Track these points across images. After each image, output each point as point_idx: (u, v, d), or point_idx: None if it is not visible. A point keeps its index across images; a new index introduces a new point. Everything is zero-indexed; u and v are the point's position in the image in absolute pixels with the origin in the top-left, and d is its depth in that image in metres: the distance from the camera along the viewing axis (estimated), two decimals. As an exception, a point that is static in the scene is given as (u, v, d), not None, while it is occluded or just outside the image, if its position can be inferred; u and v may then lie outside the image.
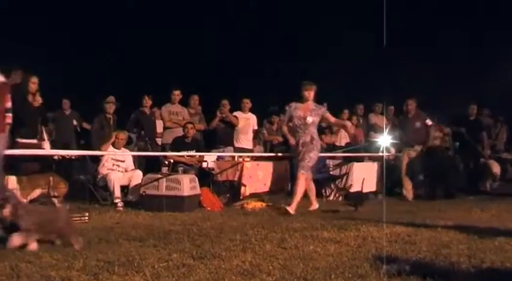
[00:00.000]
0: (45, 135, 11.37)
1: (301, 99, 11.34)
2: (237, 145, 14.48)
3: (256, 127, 15.23)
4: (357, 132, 16.93)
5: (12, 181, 8.77)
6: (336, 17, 26.40)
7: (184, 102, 14.74)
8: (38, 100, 10.93)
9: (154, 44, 25.73)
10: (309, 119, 11.11)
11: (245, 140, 14.66)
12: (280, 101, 16.96)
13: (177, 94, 14.31)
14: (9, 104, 10.44)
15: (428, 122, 14.41)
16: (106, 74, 23.59)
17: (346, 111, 17.00)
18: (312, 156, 11.14)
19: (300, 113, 11.21)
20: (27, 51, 18.76)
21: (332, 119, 11.76)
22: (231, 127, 14.50)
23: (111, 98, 13.75)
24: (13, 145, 10.47)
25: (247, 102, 14.89)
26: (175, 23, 25.75)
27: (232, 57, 25.13)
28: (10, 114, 10.42)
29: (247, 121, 14.69)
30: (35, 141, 10.86)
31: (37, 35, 21.56)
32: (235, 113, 14.57)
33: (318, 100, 11.49)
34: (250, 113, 14.91)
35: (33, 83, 10.84)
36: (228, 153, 14.03)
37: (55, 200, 9.19)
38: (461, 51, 24.75)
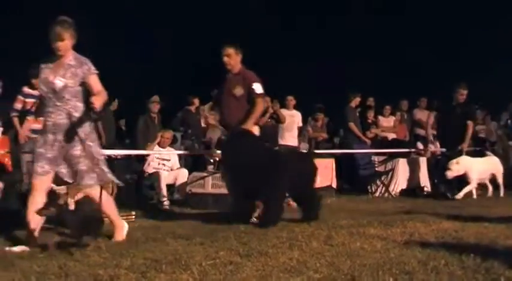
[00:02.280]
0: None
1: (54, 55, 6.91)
2: (282, 142, 14.44)
3: (301, 124, 15.20)
4: (401, 128, 16.85)
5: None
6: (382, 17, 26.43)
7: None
8: None
9: (198, 41, 25.90)
10: (59, 83, 6.78)
11: (290, 137, 14.62)
12: (325, 98, 16.99)
13: (220, 92, 14.34)
14: None
15: (257, 88, 9.03)
16: (150, 73, 23.78)
17: (388, 107, 16.90)
18: (85, 154, 6.82)
19: (48, 77, 6.85)
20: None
21: (97, 87, 6.92)
22: (277, 124, 14.51)
23: (156, 98, 13.84)
24: None
25: (291, 100, 14.87)
26: (219, 21, 25.86)
27: (276, 54, 25.18)
28: None
29: (292, 118, 14.66)
30: None
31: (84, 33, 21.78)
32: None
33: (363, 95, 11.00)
34: (294, 111, 14.89)
35: None
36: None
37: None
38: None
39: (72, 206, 8.67)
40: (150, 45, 25.39)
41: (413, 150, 15.19)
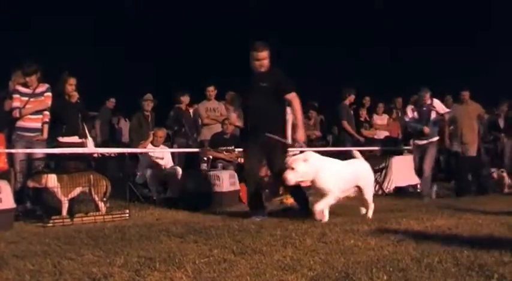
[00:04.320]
0: (87, 133, 11.41)
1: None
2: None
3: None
4: (394, 126, 16.84)
5: (52, 179, 8.84)
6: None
7: (220, 98, 14.74)
8: (75, 95, 10.92)
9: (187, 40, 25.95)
10: None
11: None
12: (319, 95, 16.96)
13: (211, 90, 14.32)
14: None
15: None
16: (141, 72, 23.85)
17: (381, 105, 16.86)
18: None
19: None
20: (69, 52, 19.03)
21: None
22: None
23: (149, 96, 13.81)
24: (56, 144, 10.56)
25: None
26: (206, 19, 25.91)
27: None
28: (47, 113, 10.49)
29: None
30: (76, 138, 10.90)
31: (79, 36, 21.86)
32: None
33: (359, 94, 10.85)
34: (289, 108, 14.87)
35: (70, 85, 10.83)
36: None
37: (96, 198, 9.26)
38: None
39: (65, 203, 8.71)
40: (147, 44, 25.40)
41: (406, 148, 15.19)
